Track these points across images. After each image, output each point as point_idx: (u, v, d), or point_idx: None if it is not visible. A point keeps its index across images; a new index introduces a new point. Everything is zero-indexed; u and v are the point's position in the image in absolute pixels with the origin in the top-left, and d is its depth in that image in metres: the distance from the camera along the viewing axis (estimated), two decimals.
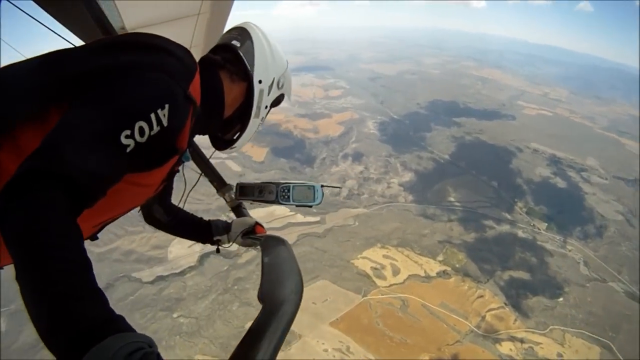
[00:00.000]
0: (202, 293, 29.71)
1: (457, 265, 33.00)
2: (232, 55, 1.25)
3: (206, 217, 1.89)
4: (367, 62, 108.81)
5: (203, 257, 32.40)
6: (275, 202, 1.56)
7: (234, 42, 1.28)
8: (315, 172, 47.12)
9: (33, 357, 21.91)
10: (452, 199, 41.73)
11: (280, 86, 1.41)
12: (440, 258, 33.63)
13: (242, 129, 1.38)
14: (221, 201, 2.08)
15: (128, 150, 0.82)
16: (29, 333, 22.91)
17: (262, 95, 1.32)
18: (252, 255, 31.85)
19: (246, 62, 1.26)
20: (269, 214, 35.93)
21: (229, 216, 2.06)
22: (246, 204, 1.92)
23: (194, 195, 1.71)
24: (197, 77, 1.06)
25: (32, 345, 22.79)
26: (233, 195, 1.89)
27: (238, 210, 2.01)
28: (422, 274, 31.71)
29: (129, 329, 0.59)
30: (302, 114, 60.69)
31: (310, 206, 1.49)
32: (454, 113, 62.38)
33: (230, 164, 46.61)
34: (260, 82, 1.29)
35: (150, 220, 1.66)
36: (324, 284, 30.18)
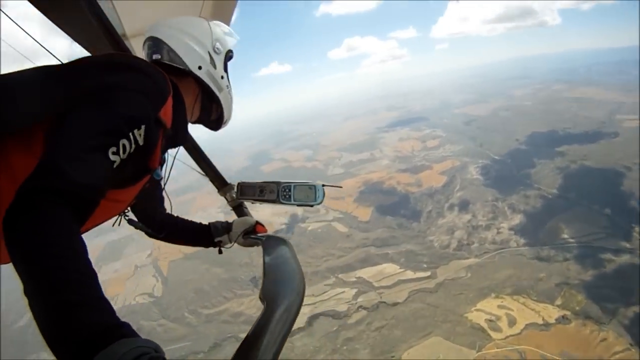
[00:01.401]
0: (311, 354, 47.43)
1: (576, 308, 45.45)
2: (162, 67, 1.90)
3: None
4: (459, 106, 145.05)
5: (312, 318, 51.63)
6: (277, 201, 2.28)
7: (154, 56, 2.04)
8: (422, 226, 67.47)
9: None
10: (565, 236, 58.75)
11: (218, 51, 2.16)
12: (558, 302, 46.95)
13: (220, 106, 2.30)
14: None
15: (115, 165, 1.38)
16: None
17: (210, 74, 2.11)
18: (362, 315, 51.16)
19: (176, 65, 2.02)
20: (378, 273, 56.64)
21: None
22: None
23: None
24: (169, 100, 1.74)
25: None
26: (234, 195, 2.80)
27: (239, 210, 3.04)
28: (540, 322, 44.57)
29: (134, 335, 0.92)
30: (403, 169, 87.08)
31: (312, 205, 2.14)
32: (554, 142, 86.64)
33: (337, 226, 71.05)
34: (200, 68, 2.07)
35: (151, 235, 2.68)
36: (437, 340, 44.51)
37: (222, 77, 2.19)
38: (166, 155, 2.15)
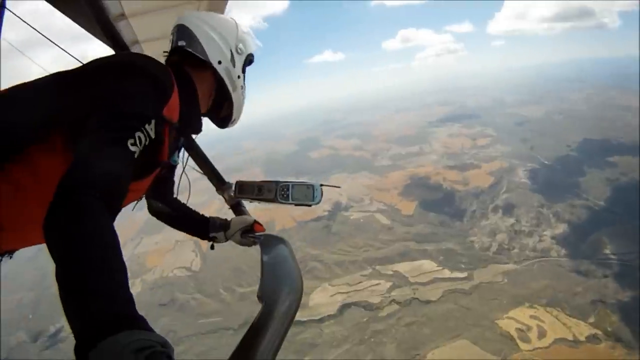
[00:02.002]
0: (338, 342, 48.16)
1: (608, 329, 43.96)
2: (185, 55, 2.14)
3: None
4: (513, 106, 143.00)
5: (344, 307, 52.48)
6: (275, 200, 2.33)
7: (179, 43, 2.15)
8: (465, 226, 67.14)
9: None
10: (607, 252, 56.88)
11: (240, 52, 2.29)
12: (591, 320, 45.28)
13: (231, 105, 2.39)
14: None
15: (135, 156, 1.53)
16: None
17: (228, 71, 2.23)
18: (394, 309, 51.49)
19: (199, 55, 2.14)
20: (415, 269, 56.63)
21: None
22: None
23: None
24: (174, 96, 1.87)
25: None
26: (232, 194, 2.83)
27: (237, 209, 3.12)
28: (570, 338, 43.49)
29: (147, 328, 0.97)
30: (451, 166, 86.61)
31: (309, 205, 2.20)
32: (606, 152, 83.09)
33: (379, 217, 71.82)
34: (220, 62, 2.18)
35: (153, 212, 2.89)
36: (464, 344, 44.28)
37: (238, 77, 2.31)
38: (180, 143, 2.36)
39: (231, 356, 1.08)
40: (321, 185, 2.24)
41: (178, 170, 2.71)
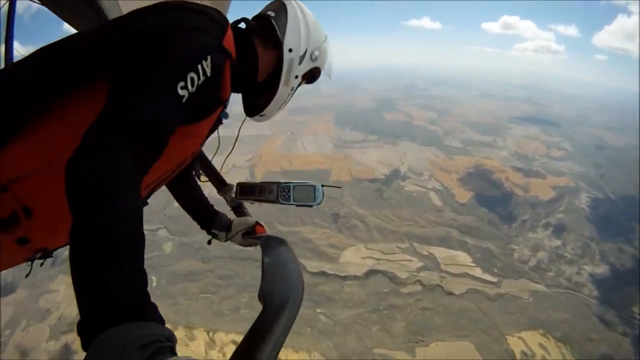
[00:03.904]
0: (354, 303, 47.54)
1: None
2: (266, 24, 2.10)
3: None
4: (597, 127, 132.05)
5: (371, 272, 51.91)
6: (276, 201, 2.32)
7: (269, 12, 2.13)
8: (511, 232, 64.43)
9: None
10: (636, 310, 53.38)
11: (313, 58, 2.23)
12: None
13: (271, 97, 2.23)
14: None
15: (184, 100, 1.42)
16: None
17: (292, 63, 2.14)
18: (416, 289, 50.96)
19: (277, 30, 2.07)
20: (450, 258, 55.37)
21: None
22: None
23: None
24: (229, 33, 1.79)
25: None
26: (233, 195, 2.85)
27: (238, 210, 3.13)
28: None
29: (156, 318, 0.93)
30: (518, 167, 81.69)
31: (311, 206, 2.21)
32: None
33: (432, 196, 69.17)
34: (290, 50, 2.10)
35: (169, 185, 2.72)
36: (467, 347, 43.49)
37: (296, 77, 2.22)
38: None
39: (232, 356, 1.05)
40: (322, 185, 2.19)
41: None
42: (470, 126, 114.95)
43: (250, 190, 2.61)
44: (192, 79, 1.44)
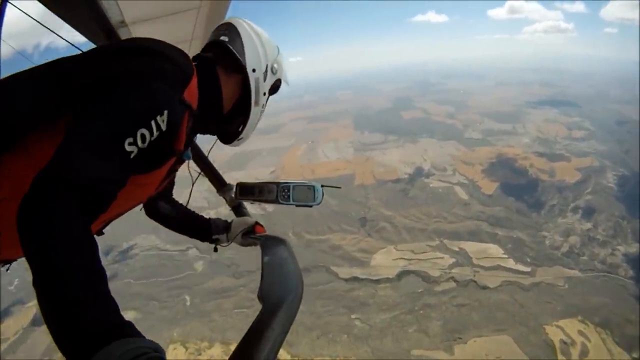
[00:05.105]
0: (388, 306, 47.95)
1: None
2: (222, 50, 2.10)
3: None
4: (616, 102, 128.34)
5: (403, 274, 51.88)
6: (275, 201, 2.34)
7: (222, 37, 2.12)
8: (541, 219, 63.49)
9: None
10: None
11: (274, 72, 2.26)
12: (635, 354, 41.86)
13: (245, 120, 2.27)
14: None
15: (132, 156, 1.41)
16: None
17: (258, 82, 2.16)
18: (450, 286, 50.68)
19: (237, 54, 2.08)
20: (481, 251, 54.56)
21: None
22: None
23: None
24: (193, 81, 1.78)
25: None
26: (233, 195, 2.88)
27: (238, 210, 3.14)
28: None
29: (136, 334, 0.97)
30: (541, 153, 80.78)
31: (310, 206, 2.25)
32: None
33: (458, 190, 69.13)
34: (254, 70, 2.12)
35: (151, 214, 2.76)
36: (506, 340, 42.90)
37: (264, 94, 2.25)
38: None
39: (231, 356, 1.10)
40: (322, 186, 2.22)
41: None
42: (488, 116, 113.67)
43: (250, 190, 2.60)
44: (142, 135, 1.43)
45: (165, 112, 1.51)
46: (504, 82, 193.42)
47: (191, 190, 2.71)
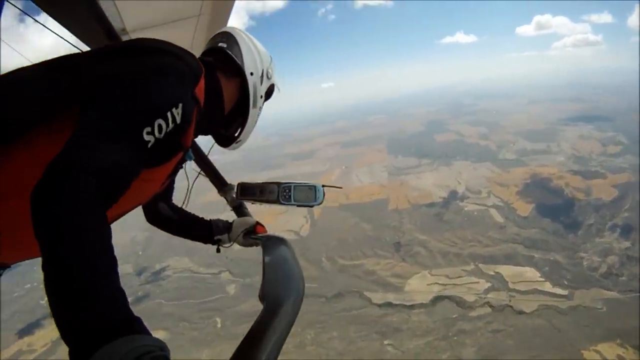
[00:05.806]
0: (422, 332, 47.45)
1: None
2: (221, 56, 2.18)
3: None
4: None
5: (438, 299, 51.09)
6: (277, 202, 2.34)
7: (220, 44, 2.22)
8: (578, 240, 61.87)
9: None
10: None
11: (269, 76, 2.37)
12: None
13: (243, 122, 2.36)
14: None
15: (149, 145, 1.43)
16: None
17: (256, 85, 2.26)
18: (485, 311, 49.76)
19: (236, 59, 2.18)
20: (517, 275, 53.69)
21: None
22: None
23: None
24: (202, 80, 1.84)
25: None
26: (234, 195, 2.82)
27: (239, 210, 3.16)
28: None
29: (143, 331, 0.95)
30: (576, 171, 78.87)
31: (312, 206, 2.25)
32: None
33: (493, 213, 68.27)
34: (252, 74, 2.22)
35: (152, 219, 2.75)
36: None
37: (260, 97, 2.35)
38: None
39: (232, 356, 1.09)
40: (323, 186, 2.21)
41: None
42: (522, 135, 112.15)
43: (251, 191, 2.55)
44: (159, 126, 1.46)
45: (180, 105, 1.55)
46: (536, 100, 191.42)
47: (190, 190, 2.72)
